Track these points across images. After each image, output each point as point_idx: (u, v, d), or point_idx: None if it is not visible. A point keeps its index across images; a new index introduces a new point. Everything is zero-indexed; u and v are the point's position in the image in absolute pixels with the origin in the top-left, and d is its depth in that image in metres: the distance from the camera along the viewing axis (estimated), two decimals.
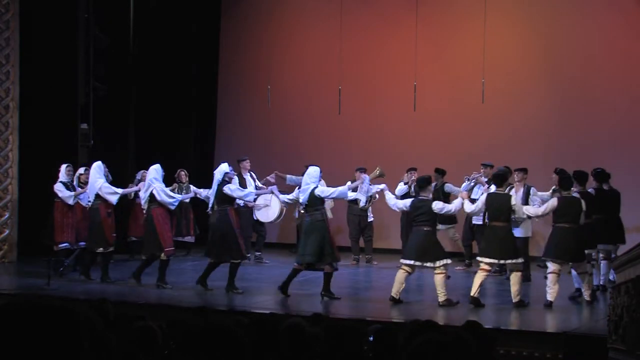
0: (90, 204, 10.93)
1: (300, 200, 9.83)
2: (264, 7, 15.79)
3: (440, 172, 12.47)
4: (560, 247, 9.35)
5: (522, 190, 11.09)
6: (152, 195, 10.41)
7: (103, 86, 13.80)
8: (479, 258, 9.51)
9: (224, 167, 10.23)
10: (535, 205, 10.35)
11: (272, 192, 11.19)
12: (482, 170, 11.85)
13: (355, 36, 14.76)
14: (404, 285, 9.35)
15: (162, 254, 10.38)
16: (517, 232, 11.04)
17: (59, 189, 11.44)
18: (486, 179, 11.78)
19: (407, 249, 9.59)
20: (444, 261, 9.25)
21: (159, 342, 4.03)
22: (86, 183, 11.45)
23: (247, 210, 12.60)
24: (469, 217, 11.79)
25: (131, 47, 14.87)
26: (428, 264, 9.26)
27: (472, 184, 11.54)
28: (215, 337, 3.22)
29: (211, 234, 10.14)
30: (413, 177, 12.22)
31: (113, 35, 14.17)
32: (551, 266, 9.33)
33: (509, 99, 13.93)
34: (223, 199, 10.02)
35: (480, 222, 11.71)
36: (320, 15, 15.31)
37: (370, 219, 13.07)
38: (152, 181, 10.47)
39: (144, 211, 10.67)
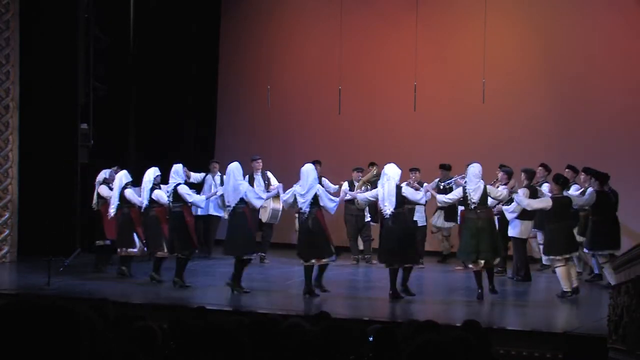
0: (170, 206, 10.65)
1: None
2: (264, 7, 15.78)
3: (447, 168, 12.53)
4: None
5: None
6: (177, 195, 10.38)
7: (103, 86, 13.80)
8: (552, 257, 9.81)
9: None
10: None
11: (278, 192, 11.15)
12: (466, 172, 11.91)
13: (355, 36, 14.76)
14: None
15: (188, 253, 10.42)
16: (514, 232, 11.09)
17: (131, 194, 11.19)
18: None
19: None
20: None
21: (159, 342, 4.03)
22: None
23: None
24: None
25: (131, 47, 14.87)
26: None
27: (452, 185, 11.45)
28: (215, 337, 3.22)
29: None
30: (413, 177, 12.23)
31: (113, 35, 14.17)
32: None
33: (509, 99, 13.93)
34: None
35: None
36: (320, 15, 15.30)
37: (368, 219, 13.05)
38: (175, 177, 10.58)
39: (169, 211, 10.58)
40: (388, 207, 9.51)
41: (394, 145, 14.44)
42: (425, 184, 11.44)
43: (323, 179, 12.39)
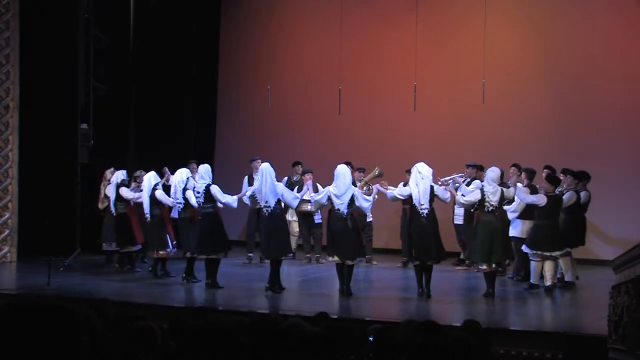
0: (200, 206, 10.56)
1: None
2: (264, 7, 15.78)
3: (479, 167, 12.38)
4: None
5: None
6: (209, 196, 10.28)
7: (103, 86, 13.81)
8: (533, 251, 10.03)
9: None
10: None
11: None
12: (466, 171, 11.92)
13: (355, 36, 14.76)
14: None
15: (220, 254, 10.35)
16: (515, 232, 11.09)
17: (162, 195, 11.19)
18: (469, 178, 11.81)
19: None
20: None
21: (159, 342, 4.03)
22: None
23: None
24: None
25: (131, 47, 14.87)
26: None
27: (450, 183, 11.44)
28: (215, 337, 3.22)
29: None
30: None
31: (113, 35, 14.18)
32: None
33: (509, 99, 13.92)
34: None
35: (462, 222, 11.84)
36: (320, 15, 15.30)
37: (370, 219, 13.04)
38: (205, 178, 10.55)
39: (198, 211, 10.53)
40: (424, 205, 9.56)
41: (394, 145, 14.45)
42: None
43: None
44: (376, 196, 11.07)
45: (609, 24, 13.48)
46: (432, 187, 9.69)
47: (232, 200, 10.49)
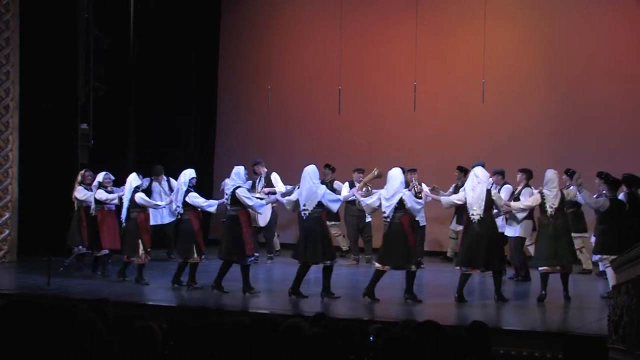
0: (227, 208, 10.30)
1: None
2: (264, 7, 15.78)
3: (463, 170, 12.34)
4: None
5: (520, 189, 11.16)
6: (235, 198, 9.95)
7: (103, 86, 13.80)
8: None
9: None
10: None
11: (277, 200, 11.05)
12: (455, 174, 11.95)
13: (355, 36, 14.76)
14: None
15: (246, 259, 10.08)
16: (515, 232, 11.09)
17: (143, 198, 10.89)
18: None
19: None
20: None
21: (159, 342, 4.03)
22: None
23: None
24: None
25: (131, 47, 14.87)
26: None
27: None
28: (215, 337, 3.22)
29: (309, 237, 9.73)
30: (413, 178, 12.22)
31: (113, 35, 14.17)
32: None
33: (509, 99, 13.93)
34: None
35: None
36: (320, 15, 15.30)
37: (368, 219, 13.03)
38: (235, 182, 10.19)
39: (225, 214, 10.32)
40: (477, 211, 9.36)
41: (393, 145, 14.45)
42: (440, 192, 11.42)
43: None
44: (428, 199, 10.85)
45: (609, 24, 13.48)
46: (488, 192, 9.53)
47: (258, 204, 10.19)
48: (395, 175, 9.54)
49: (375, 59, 14.89)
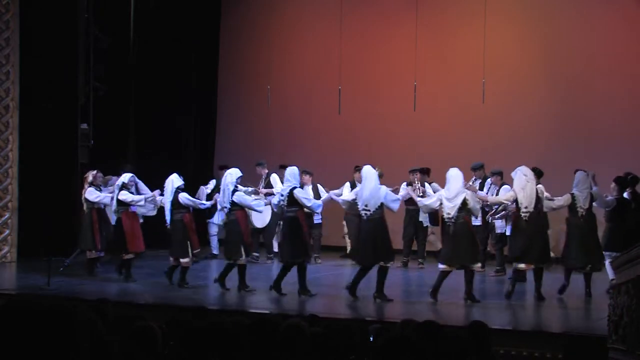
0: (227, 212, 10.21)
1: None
2: (264, 7, 15.79)
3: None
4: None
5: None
6: (293, 199, 9.77)
7: (103, 86, 13.80)
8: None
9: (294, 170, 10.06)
10: None
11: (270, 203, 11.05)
12: (474, 174, 11.92)
13: (355, 36, 14.76)
14: None
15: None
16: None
17: (188, 198, 10.53)
18: (480, 180, 11.82)
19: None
20: None
21: (159, 342, 4.02)
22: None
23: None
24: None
25: (131, 47, 14.86)
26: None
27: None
28: (215, 337, 3.22)
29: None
30: (416, 178, 12.24)
31: (113, 35, 14.17)
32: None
33: (509, 99, 13.93)
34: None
35: (480, 223, 11.75)
36: (320, 15, 15.30)
37: None
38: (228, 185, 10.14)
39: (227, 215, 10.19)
40: (529, 208, 9.56)
41: (393, 145, 14.46)
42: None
43: (433, 184, 12.37)
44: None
45: (609, 24, 13.49)
46: (536, 189, 9.72)
47: (317, 204, 10.04)
48: (456, 175, 9.59)
49: (375, 59, 14.89)
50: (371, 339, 4.89)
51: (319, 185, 12.70)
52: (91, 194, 11.22)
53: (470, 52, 13.84)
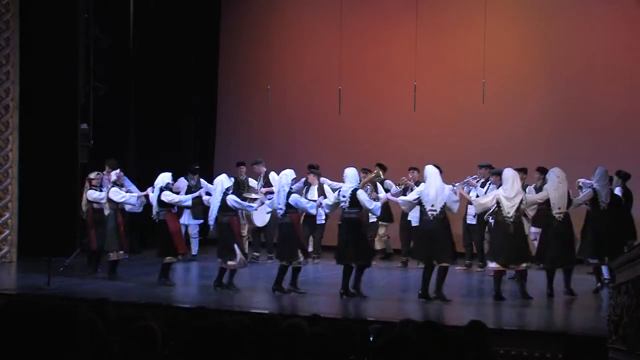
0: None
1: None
2: (264, 7, 15.78)
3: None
4: None
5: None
6: (355, 201, 9.67)
7: (103, 86, 13.80)
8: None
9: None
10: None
11: (263, 203, 11.02)
12: (479, 172, 11.92)
13: (355, 36, 14.76)
14: None
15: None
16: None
17: (236, 201, 10.22)
18: (483, 179, 11.81)
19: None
20: None
21: (159, 342, 4.02)
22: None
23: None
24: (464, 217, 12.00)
25: (131, 47, 14.86)
26: None
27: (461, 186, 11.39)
28: (215, 337, 3.22)
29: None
30: (411, 176, 12.23)
31: (113, 35, 14.16)
32: None
33: (509, 99, 13.93)
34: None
35: (475, 222, 11.78)
36: (320, 15, 15.30)
37: (372, 220, 13.00)
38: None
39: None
40: (562, 209, 9.68)
41: (393, 145, 14.45)
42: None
43: (387, 181, 12.27)
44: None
45: (609, 24, 13.49)
46: (568, 191, 9.83)
47: (376, 207, 9.89)
48: (514, 175, 9.70)
49: (375, 59, 14.89)
50: (371, 339, 4.90)
51: (272, 174, 12.65)
52: (116, 194, 10.99)
53: (470, 52, 13.84)
